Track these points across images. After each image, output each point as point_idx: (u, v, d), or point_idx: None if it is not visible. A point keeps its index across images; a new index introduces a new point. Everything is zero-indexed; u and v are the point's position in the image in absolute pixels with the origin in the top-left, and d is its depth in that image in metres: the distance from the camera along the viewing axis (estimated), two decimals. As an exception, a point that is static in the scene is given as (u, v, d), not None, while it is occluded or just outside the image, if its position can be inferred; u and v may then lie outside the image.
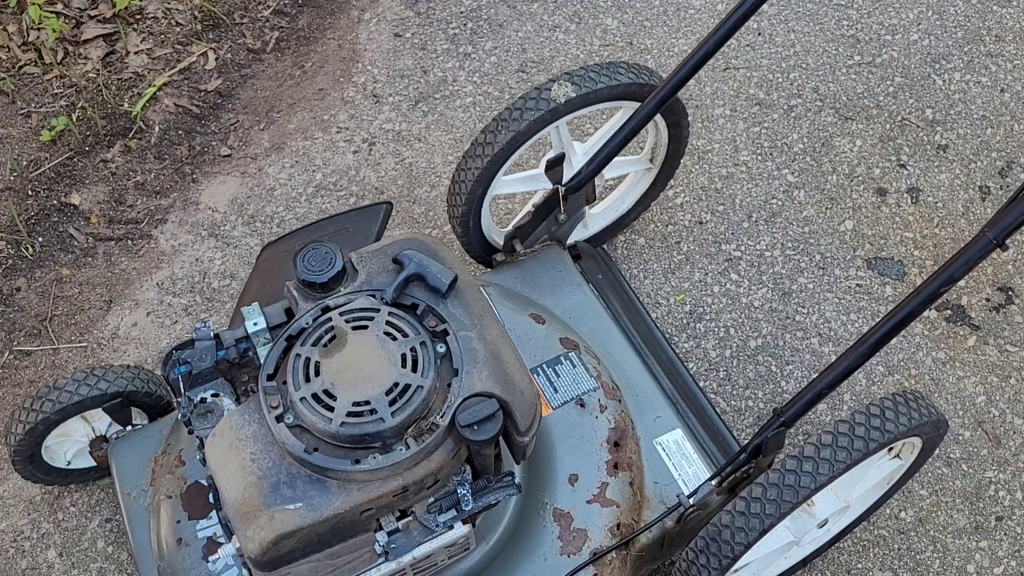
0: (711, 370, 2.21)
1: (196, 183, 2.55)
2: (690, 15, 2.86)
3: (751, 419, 2.14)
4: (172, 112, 2.67)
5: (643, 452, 1.69)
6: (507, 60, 2.77)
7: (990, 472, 2.08)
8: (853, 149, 2.58)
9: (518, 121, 1.82)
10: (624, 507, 1.59)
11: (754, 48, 2.79)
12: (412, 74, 2.75)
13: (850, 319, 2.28)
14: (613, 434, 1.65)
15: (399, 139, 2.61)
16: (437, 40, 2.83)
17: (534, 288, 1.91)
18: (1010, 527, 2.01)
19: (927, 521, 2.02)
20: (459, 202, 1.92)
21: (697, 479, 1.65)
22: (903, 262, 2.37)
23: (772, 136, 2.60)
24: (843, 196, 2.49)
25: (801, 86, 2.70)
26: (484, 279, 1.93)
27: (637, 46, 2.79)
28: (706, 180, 2.52)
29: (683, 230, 2.43)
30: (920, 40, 2.80)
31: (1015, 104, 2.66)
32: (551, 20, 2.86)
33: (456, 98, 2.69)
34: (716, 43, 1.73)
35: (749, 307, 2.30)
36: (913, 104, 2.67)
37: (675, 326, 2.27)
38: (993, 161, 2.55)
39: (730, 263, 2.37)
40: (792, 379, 2.20)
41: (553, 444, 1.63)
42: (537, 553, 1.53)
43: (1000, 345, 2.25)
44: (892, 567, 1.96)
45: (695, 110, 2.64)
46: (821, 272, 2.36)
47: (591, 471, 1.61)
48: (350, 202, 2.49)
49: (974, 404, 2.16)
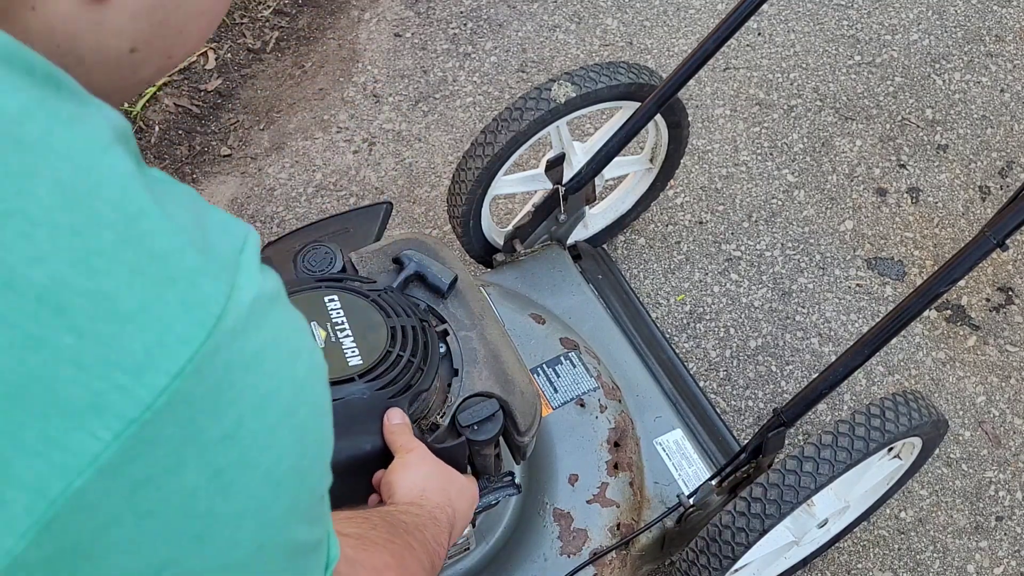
0: (711, 370, 2.21)
1: (196, 183, 2.55)
2: (690, 15, 2.86)
3: (751, 419, 2.14)
4: (172, 112, 2.67)
5: (643, 452, 1.69)
6: (507, 60, 2.77)
7: (990, 472, 2.08)
8: (853, 149, 2.58)
9: (518, 121, 1.82)
10: (624, 507, 1.59)
11: (754, 48, 2.79)
12: (412, 74, 2.75)
13: (850, 319, 2.28)
14: (613, 434, 1.65)
15: (399, 139, 2.61)
16: (437, 40, 2.83)
17: (534, 288, 1.91)
18: (1010, 527, 2.01)
19: (927, 521, 2.02)
20: (459, 202, 1.92)
21: (697, 479, 1.65)
22: (903, 262, 2.37)
23: (772, 136, 2.60)
24: (843, 196, 2.49)
25: (801, 86, 2.70)
26: (484, 279, 1.93)
27: (637, 46, 2.79)
28: (706, 180, 2.52)
29: (683, 230, 2.43)
30: (920, 40, 2.81)
31: (1015, 104, 2.66)
32: (551, 20, 2.86)
33: (456, 98, 2.69)
34: (716, 43, 1.73)
35: (749, 307, 2.30)
36: (913, 104, 2.67)
37: (675, 326, 2.27)
38: (993, 161, 2.55)
39: (730, 263, 2.37)
40: (792, 379, 2.20)
41: (553, 444, 1.63)
42: (537, 553, 1.53)
43: (1000, 345, 2.25)
44: (892, 567, 1.96)
45: (695, 110, 2.64)
46: (821, 272, 2.36)
47: (591, 471, 1.60)
48: (350, 202, 2.49)
49: (974, 404, 2.16)
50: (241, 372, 0.42)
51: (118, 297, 0.39)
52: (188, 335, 0.40)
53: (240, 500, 0.44)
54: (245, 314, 0.42)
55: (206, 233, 0.44)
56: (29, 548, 0.38)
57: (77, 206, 0.39)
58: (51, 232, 0.38)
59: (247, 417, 0.43)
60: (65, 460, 0.38)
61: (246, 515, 0.44)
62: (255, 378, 0.43)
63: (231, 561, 0.45)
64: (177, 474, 0.41)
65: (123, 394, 0.38)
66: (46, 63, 0.43)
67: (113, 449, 0.38)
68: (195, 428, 0.41)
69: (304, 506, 0.50)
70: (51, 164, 0.40)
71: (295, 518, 0.49)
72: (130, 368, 0.39)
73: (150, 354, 0.39)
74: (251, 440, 0.43)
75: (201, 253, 0.42)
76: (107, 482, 0.39)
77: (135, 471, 0.39)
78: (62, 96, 0.43)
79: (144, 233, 0.41)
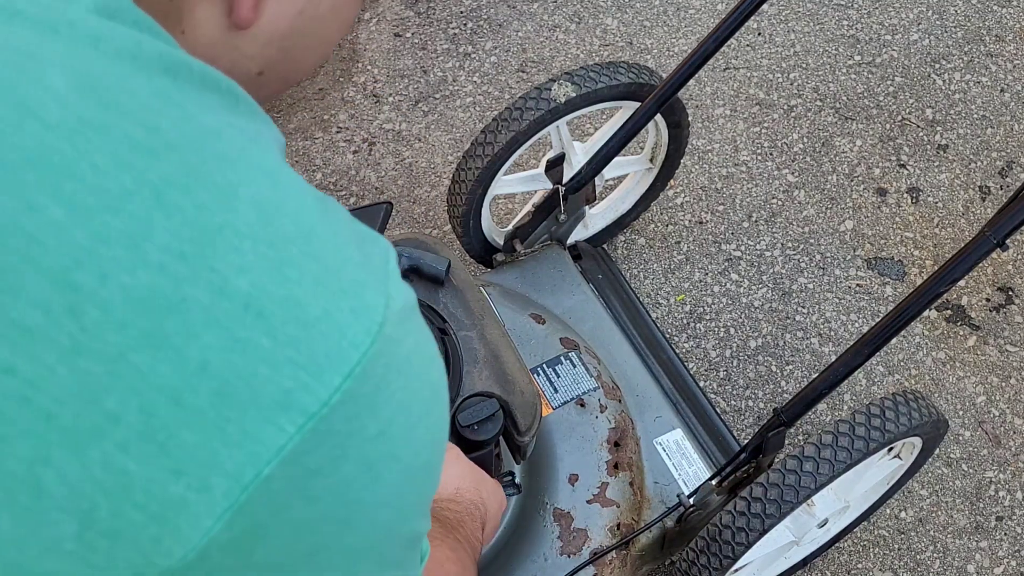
0: (711, 370, 2.21)
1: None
2: (690, 15, 2.86)
3: (751, 419, 2.14)
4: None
5: (643, 452, 1.69)
6: (507, 60, 2.77)
7: (990, 472, 2.08)
8: (853, 149, 2.58)
9: (518, 121, 1.82)
10: (624, 507, 1.59)
11: (754, 48, 2.79)
12: (412, 74, 2.75)
13: (850, 319, 2.28)
14: (613, 434, 1.65)
15: (399, 139, 2.61)
16: (437, 40, 2.83)
17: (534, 288, 1.91)
18: (1010, 527, 2.01)
19: (927, 521, 2.02)
20: (459, 202, 1.92)
21: (697, 479, 1.65)
22: (903, 262, 2.37)
23: (772, 136, 2.60)
24: (843, 196, 2.49)
25: (801, 86, 2.70)
26: (484, 279, 1.93)
27: (637, 46, 2.79)
28: (706, 180, 2.52)
29: (683, 230, 2.43)
30: (920, 40, 2.81)
31: (1015, 104, 2.66)
32: (551, 20, 2.86)
33: (456, 98, 2.69)
34: (717, 43, 1.73)
35: (749, 307, 2.30)
36: (913, 104, 2.67)
37: (675, 326, 2.27)
38: (993, 161, 2.55)
39: (730, 263, 2.37)
40: (792, 379, 2.20)
41: (553, 444, 1.63)
42: (537, 553, 1.53)
43: (1000, 345, 2.25)
44: (892, 567, 1.96)
45: (695, 110, 2.64)
46: (821, 272, 2.36)
47: (591, 471, 1.60)
48: (350, 202, 2.49)
49: (974, 404, 2.16)
50: (395, 374, 0.47)
51: (306, 305, 0.44)
52: (358, 340, 0.45)
53: (383, 490, 0.48)
54: (397, 322, 0.47)
55: (361, 245, 0.49)
56: (223, 530, 0.42)
57: (270, 221, 0.44)
58: (253, 245, 0.43)
59: (397, 415, 0.47)
60: (258, 450, 0.42)
61: (385, 505, 0.49)
62: (405, 380, 0.48)
63: (365, 545, 0.50)
64: (339, 466, 0.45)
65: (306, 392, 0.43)
66: (229, 80, 0.49)
67: (295, 441, 0.43)
68: (358, 424, 0.45)
69: (425, 499, 0.55)
70: (250, 180, 0.45)
71: (419, 510, 0.54)
72: (313, 369, 0.43)
73: (329, 356, 0.44)
74: (398, 437, 0.48)
75: (362, 266, 0.47)
76: (287, 470, 0.43)
77: (309, 462, 0.44)
78: (240, 111, 0.49)
79: (320, 247, 0.46)
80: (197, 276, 0.42)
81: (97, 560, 0.41)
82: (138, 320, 0.41)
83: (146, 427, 0.41)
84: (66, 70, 0.43)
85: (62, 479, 0.40)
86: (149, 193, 0.42)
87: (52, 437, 0.40)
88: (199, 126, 0.45)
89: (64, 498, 0.41)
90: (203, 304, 0.42)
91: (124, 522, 0.41)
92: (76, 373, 0.40)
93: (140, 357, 0.40)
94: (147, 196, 0.42)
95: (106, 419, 0.40)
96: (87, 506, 0.41)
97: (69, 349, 0.40)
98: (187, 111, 0.46)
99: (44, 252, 0.40)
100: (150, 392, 0.41)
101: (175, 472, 0.41)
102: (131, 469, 0.41)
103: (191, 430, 0.41)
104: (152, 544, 0.42)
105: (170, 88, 0.46)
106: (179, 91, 0.46)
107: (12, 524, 0.40)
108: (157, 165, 0.43)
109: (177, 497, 0.41)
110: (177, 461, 0.41)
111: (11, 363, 0.40)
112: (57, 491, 0.40)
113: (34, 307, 0.40)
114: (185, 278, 0.41)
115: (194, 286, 0.42)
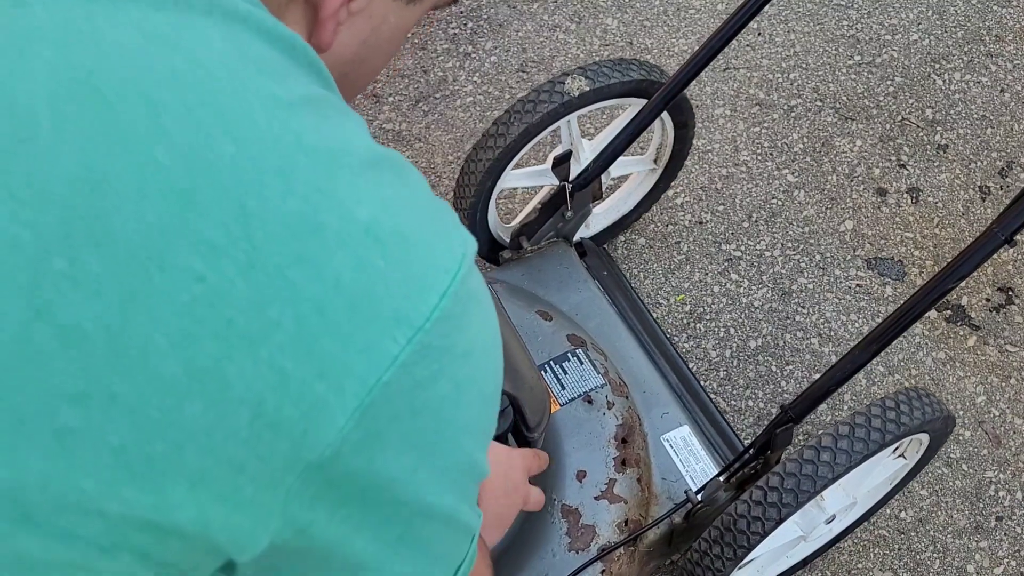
0: (711, 370, 2.21)
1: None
2: (690, 15, 2.87)
3: (751, 419, 2.14)
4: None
5: (650, 448, 1.69)
6: (507, 60, 2.77)
7: (990, 472, 2.08)
8: (853, 149, 2.58)
9: (531, 113, 1.82)
10: (632, 503, 1.59)
11: (754, 48, 2.80)
12: (412, 74, 2.75)
13: (850, 319, 2.28)
14: (621, 430, 1.65)
15: (399, 139, 2.61)
16: (437, 40, 2.83)
17: (541, 285, 1.90)
18: (1010, 527, 2.01)
19: (927, 521, 2.02)
20: (467, 194, 1.92)
21: (704, 475, 1.65)
22: (903, 262, 2.38)
23: (772, 136, 2.60)
24: (843, 196, 2.49)
25: (801, 86, 2.71)
26: (491, 276, 1.93)
27: (637, 46, 2.79)
28: (706, 180, 2.52)
29: (683, 230, 2.43)
30: (920, 40, 2.82)
31: (1015, 104, 2.67)
32: (551, 20, 2.86)
33: (456, 98, 2.69)
34: (723, 40, 1.73)
35: (749, 307, 2.30)
36: (913, 104, 2.67)
37: (675, 326, 2.27)
38: (993, 161, 2.56)
39: (730, 263, 2.37)
40: (792, 379, 2.20)
41: (561, 440, 1.63)
42: (546, 549, 1.52)
43: (1000, 345, 2.25)
44: (892, 567, 1.97)
45: (696, 110, 2.64)
46: (821, 272, 2.36)
47: (599, 467, 1.60)
48: (351, 200, 2.48)
49: (974, 404, 2.17)
50: (473, 302, 0.54)
51: (409, 235, 0.51)
52: (450, 267, 0.52)
53: (464, 412, 0.55)
54: (470, 260, 0.54)
55: (435, 198, 0.57)
56: (353, 429, 0.49)
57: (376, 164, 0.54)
58: (365, 183, 0.52)
59: (476, 339, 0.55)
60: (379, 358, 0.49)
61: (466, 427, 0.56)
62: (479, 308, 0.56)
63: (447, 464, 0.56)
64: (437, 380, 0.52)
65: (413, 308, 0.50)
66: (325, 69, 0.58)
67: (407, 352, 0.50)
68: (450, 341, 0.52)
69: (489, 432, 0.61)
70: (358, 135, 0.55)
71: (484, 441, 0.60)
72: (417, 288, 0.51)
73: (427, 279, 0.51)
74: (477, 359, 0.55)
75: (446, 211, 0.56)
76: (400, 378, 0.50)
77: (416, 372, 0.51)
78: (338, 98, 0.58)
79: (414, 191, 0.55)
80: (329, 205, 0.49)
81: (262, 450, 0.48)
82: (291, 241, 0.48)
83: (299, 333, 0.47)
84: (226, 42, 0.53)
85: (241, 374, 0.47)
86: (293, 139, 0.50)
87: (233, 338, 0.47)
88: (318, 93, 0.55)
89: (243, 390, 0.47)
90: (334, 228, 0.49)
91: (283, 416, 0.48)
92: (249, 284, 0.47)
93: (293, 272, 0.48)
94: (291, 141, 0.50)
95: (270, 325, 0.47)
96: (257, 399, 0.47)
97: (245, 264, 0.47)
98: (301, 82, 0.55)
99: (223, 179, 0.47)
100: (301, 303, 0.48)
101: (319, 374, 0.48)
102: (288, 369, 0.47)
103: (331, 338, 0.48)
104: (301, 438, 0.48)
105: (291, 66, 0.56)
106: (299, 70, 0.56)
107: (203, 410, 0.46)
108: (296, 117, 0.51)
109: (321, 396, 0.48)
110: (321, 364, 0.48)
111: (203, 273, 0.46)
112: (237, 384, 0.47)
113: (219, 226, 0.47)
114: (321, 207, 0.49)
115: (328, 213, 0.49)
